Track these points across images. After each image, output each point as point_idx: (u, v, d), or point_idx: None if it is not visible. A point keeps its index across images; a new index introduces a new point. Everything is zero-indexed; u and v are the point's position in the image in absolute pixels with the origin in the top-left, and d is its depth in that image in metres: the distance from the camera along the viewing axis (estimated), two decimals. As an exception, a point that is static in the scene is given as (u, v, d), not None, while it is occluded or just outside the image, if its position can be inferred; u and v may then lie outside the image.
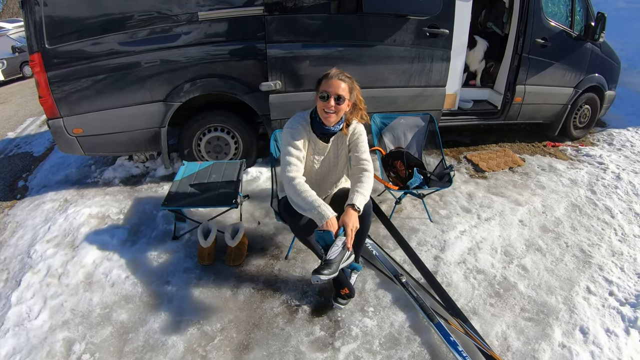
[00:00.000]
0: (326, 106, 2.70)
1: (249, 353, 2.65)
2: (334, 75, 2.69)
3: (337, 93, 2.68)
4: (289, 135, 2.81)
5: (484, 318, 2.94)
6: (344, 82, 2.70)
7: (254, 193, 4.30)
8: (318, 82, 2.76)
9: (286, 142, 2.80)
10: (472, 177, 4.93)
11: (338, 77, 2.69)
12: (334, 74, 2.70)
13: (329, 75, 2.71)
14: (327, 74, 2.73)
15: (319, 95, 2.72)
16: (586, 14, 5.65)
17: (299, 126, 2.83)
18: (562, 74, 5.64)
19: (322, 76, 2.75)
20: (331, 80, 2.68)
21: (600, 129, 6.89)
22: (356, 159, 2.90)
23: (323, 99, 2.70)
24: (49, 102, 4.03)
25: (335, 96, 2.68)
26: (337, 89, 2.68)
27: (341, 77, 2.70)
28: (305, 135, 2.85)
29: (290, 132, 2.81)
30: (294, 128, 2.82)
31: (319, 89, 2.73)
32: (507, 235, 3.86)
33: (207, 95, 4.33)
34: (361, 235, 2.85)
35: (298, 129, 2.82)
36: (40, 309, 2.94)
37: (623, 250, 3.76)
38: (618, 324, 2.97)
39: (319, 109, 2.77)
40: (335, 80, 2.68)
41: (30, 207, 4.29)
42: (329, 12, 4.19)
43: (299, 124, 2.84)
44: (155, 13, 3.93)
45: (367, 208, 2.76)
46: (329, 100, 2.68)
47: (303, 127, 2.84)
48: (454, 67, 5.05)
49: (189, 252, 3.50)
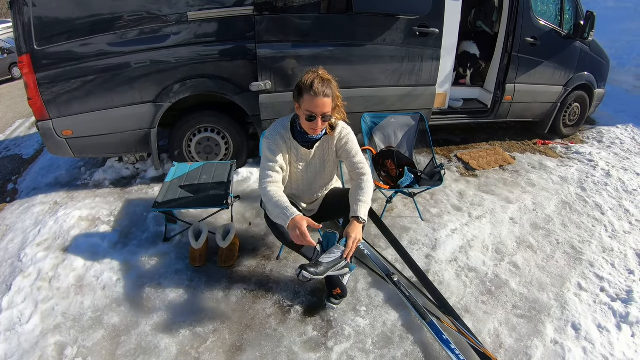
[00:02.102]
0: (314, 126, 2.61)
1: (242, 354, 2.64)
2: (319, 93, 2.49)
3: (323, 112, 2.57)
4: (266, 147, 2.73)
5: (477, 316, 2.95)
6: (328, 95, 2.54)
7: (245, 194, 4.28)
8: (299, 92, 2.57)
9: (263, 155, 2.75)
10: (462, 175, 4.95)
11: (323, 93, 2.51)
12: (318, 90, 2.49)
13: (312, 90, 2.49)
14: (310, 87, 2.50)
15: (304, 115, 2.58)
16: (575, 12, 5.69)
17: (277, 136, 2.73)
18: (551, 73, 5.68)
19: (303, 86, 2.53)
20: (316, 100, 2.51)
21: (589, 127, 6.94)
22: (351, 164, 2.84)
23: (309, 120, 2.59)
24: (38, 104, 3.99)
25: (321, 115, 2.57)
26: (324, 108, 2.55)
27: (326, 91, 2.52)
28: (284, 145, 2.76)
29: (267, 144, 2.72)
30: (272, 139, 2.72)
31: (301, 103, 2.57)
32: (498, 233, 3.88)
33: (197, 95, 4.32)
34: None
35: (276, 140, 2.72)
36: (31, 313, 2.91)
37: (614, 246, 3.79)
38: (610, 320, 2.99)
39: (304, 126, 2.67)
40: (321, 99, 2.51)
41: (20, 210, 4.26)
42: (319, 11, 4.18)
43: (277, 134, 2.74)
44: (144, 13, 3.90)
45: None
46: (316, 121, 2.59)
47: (282, 137, 2.74)
48: (444, 66, 5.06)
49: (180, 253, 3.49)
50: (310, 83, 2.51)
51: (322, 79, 2.54)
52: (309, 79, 2.53)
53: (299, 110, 2.62)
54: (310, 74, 2.56)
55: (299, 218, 2.45)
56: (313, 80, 2.51)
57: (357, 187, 2.75)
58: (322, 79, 2.54)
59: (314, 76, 2.54)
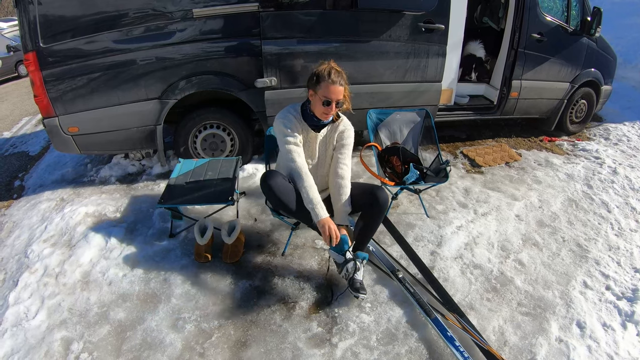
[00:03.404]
0: (328, 110, 2.85)
1: (247, 350, 2.65)
2: (336, 81, 2.77)
3: (338, 99, 2.82)
4: (281, 124, 2.93)
5: (481, 313, 2.95)
6: (342, 84, 2.81)
7: (250, 190, 4.29)
8: (315, 80, 2.81)
9: (280, 131, 2.94)
10: (468, 172, 4.94)
11: (339, 82, 2.79)
12: (335, 79, 2.77)
13: (329, 79, 2.77)
14: (328, 75, 2.77)
15: (321, 100, 2.81)
16: (582, 8, 5.65)
17: (290, 116, 2.95)
18: (558, 69, 5.64)
19: (319, 75, 2.80)
20: (333, 87, 2.77)
21: (596, 124, 6.90)
22: (337, 160, 3.07)
23: (325, 105, 2.82)
24: (44, 101, 4.01)
25: (336, 101, 2.82)
26: (339, 95, 2.81)
27: (341, 81, 2.80)
28: (298, 124, 2.96)
29: (282, 122, 2.93)
30: (285, 118, 2.94)
31: (317, 89, 2.81)
32: (504, 230, 3.87)
33: (202, 92, 4.32)
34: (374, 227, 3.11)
35: (289, 118, 2.94)
36: (37, 308, 2.94)
37: (620, 244, 3.77)
38: (615, 318, 2.98)
39: (318, 111, 2.89)
40: (337, 87, 2.78)
41: (27, 207, 4.29)
42: (324, 8, 4.17)
43: (289, 114, 2.96)
44: (149, 10, 3.91)
45: (384, 201, 2.97)
46: (331, 106, 2.83)
47: (294, 117, 2.96)
48: (450, 62, 5.05)
49: (186, 249, 3.50)
50: (328, 72, 2.78)
51: (336, 70, 2.81)
52: (325, 68, 2.80)
53: (314, 96, 2.86)
54: (325, 65, 2.83)
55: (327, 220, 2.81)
56: (330, 70, 2.79)
57: (338, 189, 3.00)
58: (336, 70, 2.81)
59: (329, 67, 2.81)
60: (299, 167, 2.89)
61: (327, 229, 2.77)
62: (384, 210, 3.00)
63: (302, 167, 2.90)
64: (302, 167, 2.89)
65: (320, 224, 2.80)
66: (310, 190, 2.85)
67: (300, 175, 2.88)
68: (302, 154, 2.95)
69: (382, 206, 2.96)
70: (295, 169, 2.89)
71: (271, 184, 2.90)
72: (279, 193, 2.90)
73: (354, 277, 2.97)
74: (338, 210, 2.98)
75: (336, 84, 2.77)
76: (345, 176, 3.01)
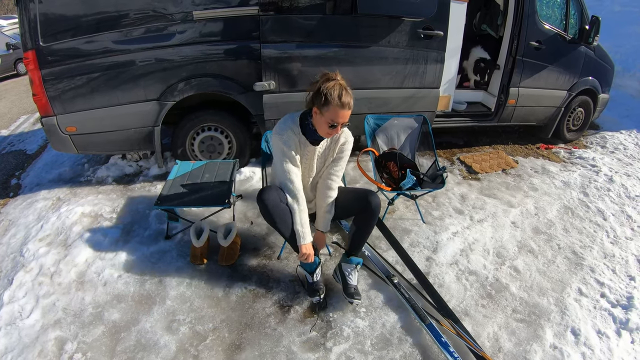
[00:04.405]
0: (333, 132, 2.76)
1: (241, 353, 2.65)
2: (346, 105, 2.64)
3: (345, 122, 2.72)
4: (281, 142, 2.82)
5: (476, 319, 2.95)
6: (352, 107, 2.69)
7: (247, 193, 4.30)
8: (323, 101, 2.63)
9: (279, 149, 2.84)
10: (465, 178, 4.95)
11: (349, 105, 2.66)
12: (345, 102, 2.63)
13: (340, 103, 2.62)
14: (338, 98, 2.61)
15: (327, 123, 2.68)
16: (580, 17, 5.68)
17: (289, 131, 2.83)
18: (555, 77, 5.67)
19: (328, 97, 2.62)
20: (343, 112, 2.65)
21: (593, 132, 6.93)
22: (330, 171, 3.05)
23: (331, 127, 2.70)
24: (42, 100, 4.01)
25: (342, 124, 2.72)
26: (346, 118, 2.70)
27: (350, 103, 2.66)
28: (296, 139, 2.86)
29: (282, 139, 2.81)
30: (284, 133, 2.82)
31: (324, 111, 2.65)
32: (500, 236, 3.88)
33: (201, 94, 4.32)
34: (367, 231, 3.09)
35: (288, 134, 2.82)
36: (32, 307, 2.93)
37: (615, 252, 3.78)
38: (609, 326, 2.99)
39: (321, 130, 2.77)
40: (347, 111, 2.67)
41: (23, 206, 4.28)
42: (324, 12, 4.18)
43: (288, 129, 2.84)
44: (150, 12, 3.91)
45: (376, 206, 2.95)
46: (337, 128, 2.72)
47: (292, 131, 2.84)
48: (448, 69, 5.07)
49: (182, 251, 3.49)
50: (338, 94, 2.61)
51: (344, 88, 2.65)
52: (335, 89, 2.62)
53: (319, 116, 2.70)
54: (334, 84, 2.64)
55: (309, 246, 2.88)
56: (341, 92, 2.62)
57: (325, 199, 3.04)
58: (345, 88, 2.66)
59: (339, 87, 2.63)
60: (296, 189, 2.85)
61: (306, 255, 2.87)
62: (377, 215, 2.99)
63: (298, 190, 2.87)
64: (298, 190, 2.86)
65: (303, 247, 2.85)
66: (302, 214, 2.86)
67: (297, 197, 2.85)
68: (299, 174, 2.91)
69: (375, 211, 2.95)
70: (291, 191, 2.85)
71: (267, 204, 2.83)
72: (274, 214, 2.85)
73: (348, 283, 2.98)
74: (321, 216, 3.06)
75: (345, 108, 2.64)
76: (334, 187, 3.05)
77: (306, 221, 2.87)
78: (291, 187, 2.85)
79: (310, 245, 2.88)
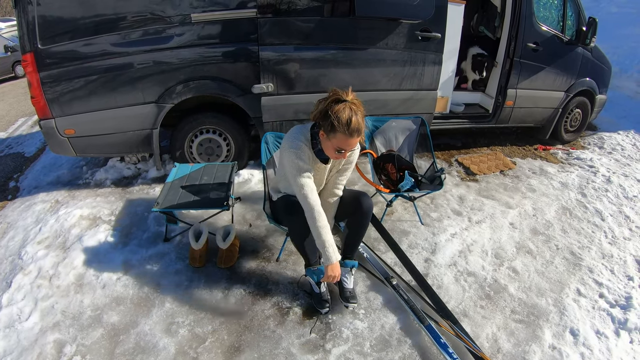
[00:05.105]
0: (340, 157, 2.61)
1: (240, 355, 2.65)
2: (354, 133, 2.45)
3: (352, 148, 2.58)
4: (294, 156, 2.63)
5: (475, 320, 2.96)
6: (361, 132, 2.49)
7: (246, 195, 4.30)
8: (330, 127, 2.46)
9: (294, 164, 2.64)
10: (463, 180, 4.96)
11: (358, 133, 2.46)
12: (353, 130, 2.43)
13: (349, 131, 2.43)
14: (347, 126, 2.42)
15: (333, 149, 2.54)
16: (577, 18, 5.70)
17: (302, 145, 2.66)
18: (553, 78, 5.68)
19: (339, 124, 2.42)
20: (351, 140, 2.47)
21: (591, 133, 6.94)
22: (334, 181, 2.96)
23: (339, 152, 2.56)
24: (41, 103, 4.01)
25: (350, 150, 2.58)
26: (354, 145, 2.55)
27: (360, 129, 2.46)
28: (309, 153, 2.72)
29: (296, 153, 2.63)
30: (298, 148, 2.64)
31: (331, 137, 2.49)
32: (498, 237, 3.88)
33: (199, 97, 4.32)
34: (361, 233, 3.05)
35: (302, 148, 2.65)
36: (31, 310, 2.93)
37: (613, 252, 3.79)
38: (608, 326, 3.00)
39: (328, 153, 2.63)
40: (355, 139, 2.49)
41: (22, 208, 4.27)
42: (322, 15, 4.19)
43: (301, 143, 2.66)
44: (148, 14, 3.92)
45: (368, 208, 2.91)
46: (344, 154, 2.59)
47: (306, 145, 2.68)
48: (446, 70, 5.09)
49: (180, 254, 3.50)
50: (346, 122, 2.41)
51: (355, 112, 2.44)
52: (344, 116, 2.41)
53: (326, 139, 2.55)
54: (343, 107, 2.43)
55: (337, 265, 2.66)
56: (349, 119, 2.41)
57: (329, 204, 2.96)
58: (355, 112, 2.44)
59: (348, 113, 2.42)
60: (313, 204, 2.61)
61: (334, 276, 2.66)
62: (369, 217, 2.97)
63: (316, 204, 2.62)
64: (315, 205, 2.62)
65: (331, 267, 2.63)
66: (324, 230, 2.61)
67: (313, 214, 2.60)
68: (314, 189, 2.67)
69: (366, 212, 2.92)
70: (308, 206, 2.61)
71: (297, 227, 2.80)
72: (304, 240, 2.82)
73: (344, 286, 2.98)
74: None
75: (354, 136, 2.45)
76: (338, 195, 2.99)
77: (329, 238, 2.62)
78: (308, 203, 2.62)
79: (337, 265, 2.65)
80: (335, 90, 2.52)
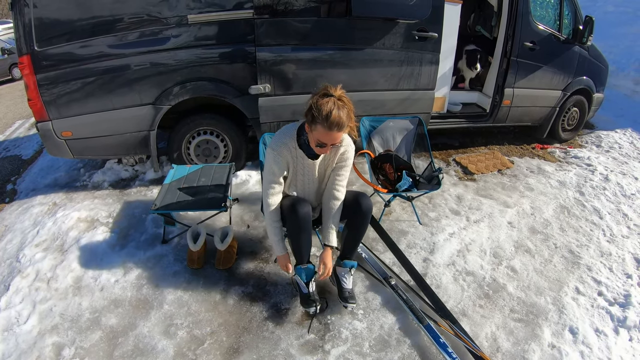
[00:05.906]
0: (322, 151, 2.66)
1: (239, 356, 2.65)
2: (333, 127, 2.45)
3: (334, 143, 2.59)
4: (271, 158, 2.75)
5: (474, 319, 2.96)
6: (342, 128, 2.50)
7: (244, 196, 4.29)
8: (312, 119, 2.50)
9: (268, 166, 2.80)
10: (461, 179, 4.96)
11: (337, 127, 2.47)
12: (332, 124, 2.44)
13: (327, 124, 2.44)
14: (325, 119, 2.43)
15: (314, 141, 2.58)
16: (574, 17, 5.70)
17: (282, 147, 2.73)
18: (550, 77, 5.68)
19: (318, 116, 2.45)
20: (330, 134, 2.48)
21: (588, 131, 6.94)
22: (333, 181, 2.92)
23: (320, 147, 2.59)
24: (38, 105, 4.00)
25: (332, 145, 2.60)
26: (335, 140, 2.56)
27: (340, 124, 2.46)
28: (289, 155, 2.77)
29: (273, 155, 2.74)
30: (277, 150, 2.73)
31: (313, 129, 2.53)
32: (496, 237, 3.88)
33: (196, 98, 4.32)
34: (360, 234, 3.02)
35: (281, 150, 2.73)
36: (29, 313, 2.92)
37: (611, 250, 3.80)
38: (607, 324, 3.01)
39: (312, 146, 2.64)
40: (334, 133, 2.49)
41: (19, 211, 4.26)
42: (319, 15, 4.18)
43: (282, 145, 2.73)
44: (145, 16, 3.91)
45: (367, 208, 2.90)
46: (326, 148, 2.61)
47: (287, 147, 2.74)
48: (443, 70, 5.08)
49: (179, 255, 3.49)
50: (325, 115, 2.43)
51: (338, 107, 2.44)
52: (325, 108, 2.43)
53: (310, 132, 2.59)
54: (327, 100, 2.46)
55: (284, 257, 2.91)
56: (329, 112, 2.42)
57: (330, 209, 2.91)
58: (339, 107, 2.45)
59: (330, 106, 2.43)
60: (269, 204, 2.82)
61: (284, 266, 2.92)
62: (368, 218, 2.95)
63: (272, 205, 2.82)
64: (271, 205, 2.82)
65: (280, 258, 2.92)
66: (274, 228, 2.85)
67: (268, 211, 2.83)
68: (279, 192, 2.86)
69: (366, 213, 2.90)
70: (266, 204, 2.83)
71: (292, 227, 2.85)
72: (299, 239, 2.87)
73: (343, 287, 2.98)
74: (327, 229, 2.91)
75: (332, 130, 2.46)
76: (340, 198, 2.90)
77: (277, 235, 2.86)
78: (267, 201, 2.83)
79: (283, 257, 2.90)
80: (326, 85, 2.55)
